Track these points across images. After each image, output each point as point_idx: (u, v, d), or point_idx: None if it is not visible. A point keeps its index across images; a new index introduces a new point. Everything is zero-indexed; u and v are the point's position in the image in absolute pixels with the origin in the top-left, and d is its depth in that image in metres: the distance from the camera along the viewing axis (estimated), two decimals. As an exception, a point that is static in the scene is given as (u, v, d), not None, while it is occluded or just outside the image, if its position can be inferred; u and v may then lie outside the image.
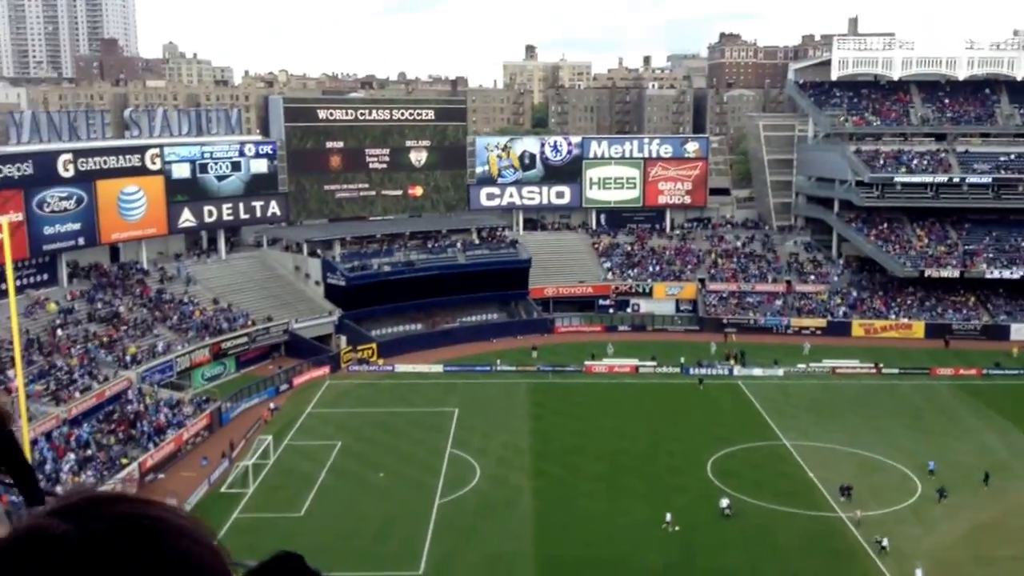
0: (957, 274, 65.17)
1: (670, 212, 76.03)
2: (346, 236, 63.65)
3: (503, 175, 73.44)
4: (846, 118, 73.74)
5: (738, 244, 73.77)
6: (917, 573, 29.13)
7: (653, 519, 33.58)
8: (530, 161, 73.74)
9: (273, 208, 64.69)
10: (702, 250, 72.66)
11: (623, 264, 70.94)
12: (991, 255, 66.94)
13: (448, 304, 62.67)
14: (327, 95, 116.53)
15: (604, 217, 75.86)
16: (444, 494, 36.43)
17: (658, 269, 70.40)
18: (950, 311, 64.76)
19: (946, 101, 74.96)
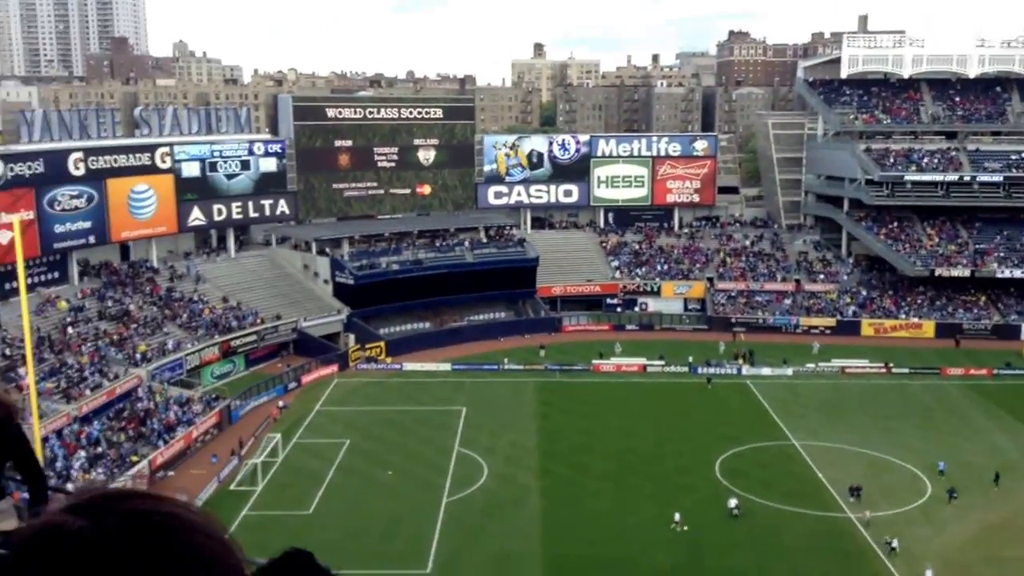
0: (968, 273, 64.75)
1: (678, 211, 75.81)
2: (354, 235, 63.82)
3: (511, 173, 73.41)
4: (856, 116, 73.32)
5: (747, 243, 73.50)
6: (927, 574, 29.00)
7: (661, 519, 33.55)
8: (538, 160, 73.65)
9: (282, 207, 64.91)
10: (711, 249, 72.43)
11: (631, 263, 70.81)
12: (1002, 254, 66.46)
13: (456, 303, 62.75)
14: (336, 94, 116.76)
15: (612, 216, 75.70)
16: (452, 493, 36.50)
17: (666, 268, 70.23)
18: (960, 311, 64.36)
19: (957, 99, 74.43)
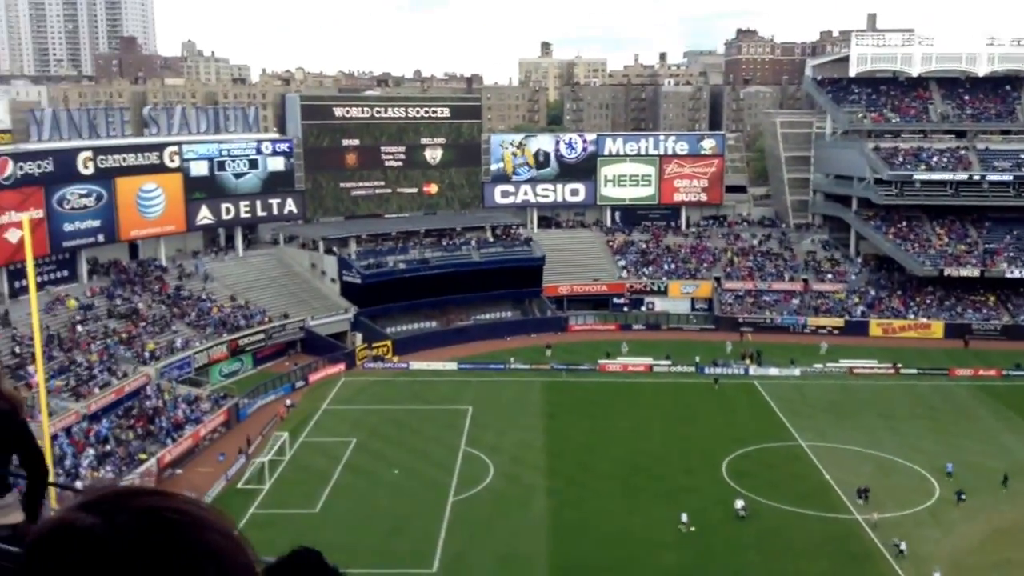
0: (977, 273, 64.37)
1: (686, 210, 75.62)
2: (362, 234, 63.94)
3: (518, 173, 73.37)
4: (864, 115, 72.96)
5: (754, 242, 73.26)
6: (934, 576, 28.91)
7: (667, 519, 33.52)
8: (545, 159, 73.56)
9: (290, 206, 65.09)
10: (718, 248, 72.23)
11: (638, 262, 70.68)
12: (1012, 254, 66.05)
13: (462, 302, 62.82)
14: (343, 93, 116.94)
15: (619, 215, 75.57)
16: (458, 492, 36.57)
17: (673, 267, 70.07)
18: (970, 311, 63.99)
19: (966, 98, 73.98)
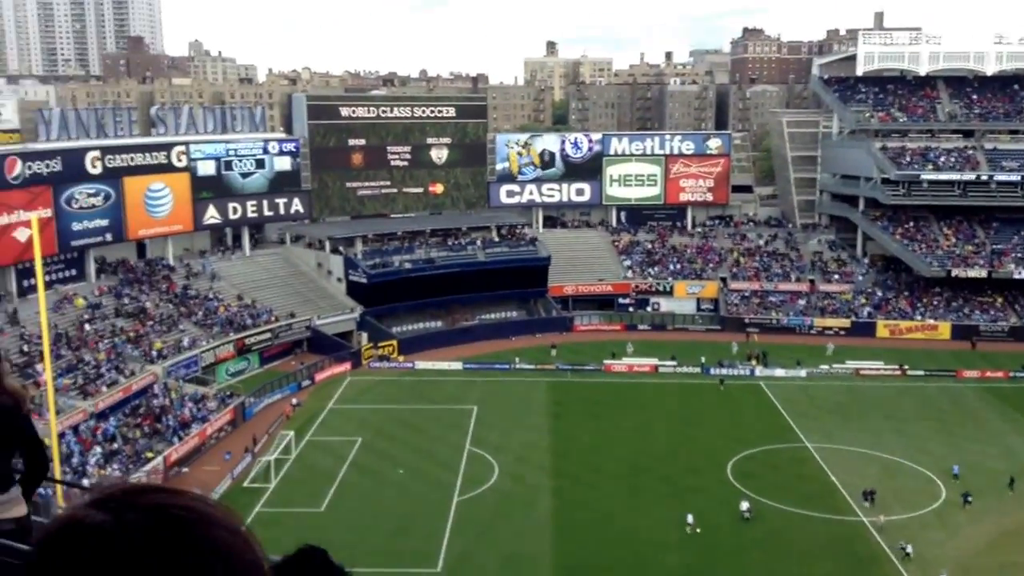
0: (985, 274, 64.03)
1: (691, 210, 75.46)
2: (368, 233, 64.07)
3: (523, 172, 73.37)
4: (872, 114, 72.64)
5: (761, 242, 73.05)
6: (940, 579, 28.80)
7: (672, 520, 33.50)
8: (550, 158, 73.53)
9: (296, 205, 65.26)
10: (724, 248, 72.05)
11: (643, 262, 70.58)
12: (1019, 255, 65.66)
13: (468, 301, 62.87)
14: (349, 92, 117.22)
15: (624, 215, 75.46)
16: (463, 491, 36.63)
17: (679, 267, 69.95)
18: (977, 312, 63.68)
19: (974, 97, 73.57)
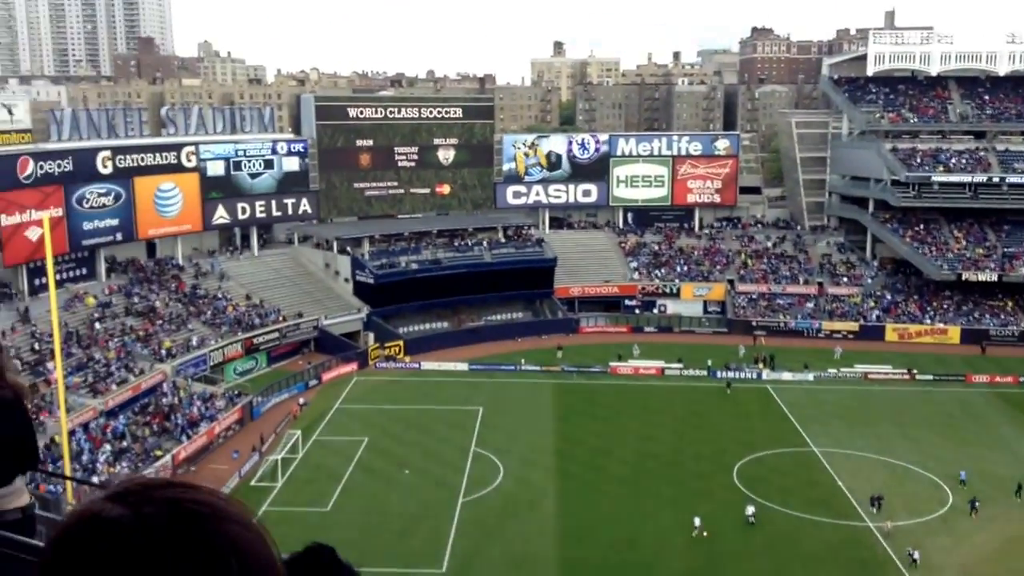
0: (995, 277, 63.63)
1: (699, 211, 75.28)
2: (375, 234, 64.27)
3: (530, 173, 73.39)
4: (882, 115, 72.25)
5: (769, 244, 72.82)
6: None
7: (677, 524, 33.47)
8: (557, 159, 73.51)
9: (304, 206, 65.54)
10: (731, 250, 71.86)
11: (650, 264, 70.48)
12: (1031, 258, 65.24)
13: (474, 302, 62.97)
14: (357, 93, 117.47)
15: (631, 216, 75.37)
16: (468, 492, 36.71)
17: (686, 269, 69.81)
18: (987, 316, 63.26)
19: (986, 97, 73.08)
